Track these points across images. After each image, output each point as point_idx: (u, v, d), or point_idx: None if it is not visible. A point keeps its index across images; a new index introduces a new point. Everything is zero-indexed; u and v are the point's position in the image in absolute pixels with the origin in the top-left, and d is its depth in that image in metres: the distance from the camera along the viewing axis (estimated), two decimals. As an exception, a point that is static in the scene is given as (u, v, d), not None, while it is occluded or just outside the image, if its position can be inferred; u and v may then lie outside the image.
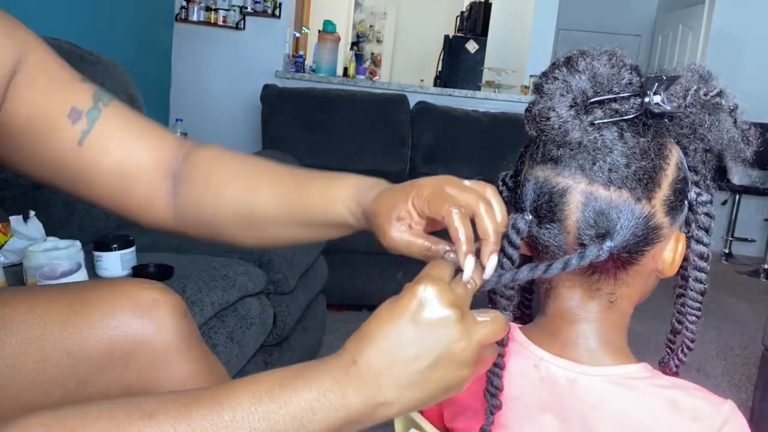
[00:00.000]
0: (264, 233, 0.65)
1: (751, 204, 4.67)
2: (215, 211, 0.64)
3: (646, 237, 0.52)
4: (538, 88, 0.53)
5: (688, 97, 0.52)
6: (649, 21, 6.44)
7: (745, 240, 4.60)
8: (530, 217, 0.54)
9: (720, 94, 0.52)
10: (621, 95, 0.51)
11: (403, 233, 0.51)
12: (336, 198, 0.59)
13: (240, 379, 0.43)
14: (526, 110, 0.53)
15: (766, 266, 4.06)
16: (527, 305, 0.69)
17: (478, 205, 0.48)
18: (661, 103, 0.50)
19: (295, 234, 0.64)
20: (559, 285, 0.58)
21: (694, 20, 5.18)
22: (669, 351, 0.65)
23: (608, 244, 0.51)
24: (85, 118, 0.62)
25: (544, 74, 0.53)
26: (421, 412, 0.64)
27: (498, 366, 0.56)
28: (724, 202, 4.53)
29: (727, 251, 4.51)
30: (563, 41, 6.37)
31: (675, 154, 0.54)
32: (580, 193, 0.52)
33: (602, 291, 0.56)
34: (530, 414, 0.57)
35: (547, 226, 0.54)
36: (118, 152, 0.63)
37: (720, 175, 0.58)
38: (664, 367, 0.64)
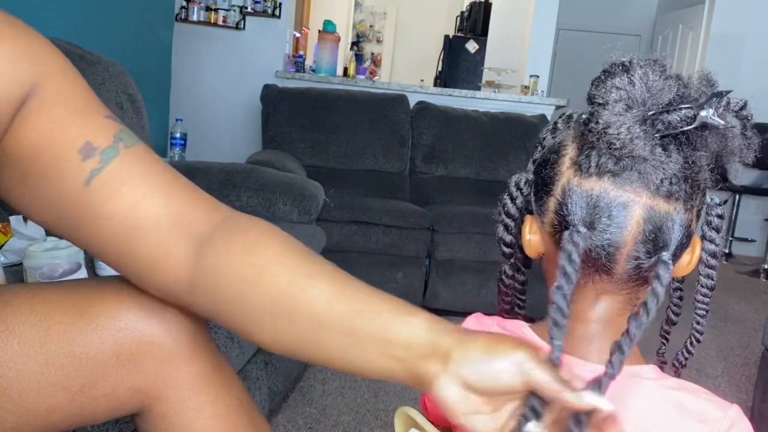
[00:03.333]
0: (299, 331, 0.54)
1: (751, 204, 4.67)
2: (249, 287, 0.55)
3: (684, 244, 0.54)
4: (593, 99, 0.50)
5: (727, 109, 0.51)
6: (649, 21, 6.43)
7: (745, 240, 4.60)
8: (585, 230, 0.52)
9: (744, 106, 0.51)
10: (677, 107, 0.49)
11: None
12: (412, 317, 0.51)
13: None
14: (584, 123, 0.51)
15: (766, 266, 4.06)
16: (521, 306, 0.69)
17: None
18: (715, 117, 0.49)
19: (335, 345, 0.53)
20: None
21: (694, 20, 5.18)
22: (664, 342, 0.67)
23: (666, 256, 0.51)
24: (98, 156, 0.56)
25: (601, 83, 0.50)
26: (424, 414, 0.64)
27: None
28: (724, 202, 4.52)
29: (727, 251, 4.51)
30: (563, 41, 6.37)
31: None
32: (641, 206, 0.51)
33: (634, 300, 0.56)
34: None
35: (600, 239, 0.52)
36: (128, 199, 0.56)
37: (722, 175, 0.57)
38: (660, 358, 0.65)
